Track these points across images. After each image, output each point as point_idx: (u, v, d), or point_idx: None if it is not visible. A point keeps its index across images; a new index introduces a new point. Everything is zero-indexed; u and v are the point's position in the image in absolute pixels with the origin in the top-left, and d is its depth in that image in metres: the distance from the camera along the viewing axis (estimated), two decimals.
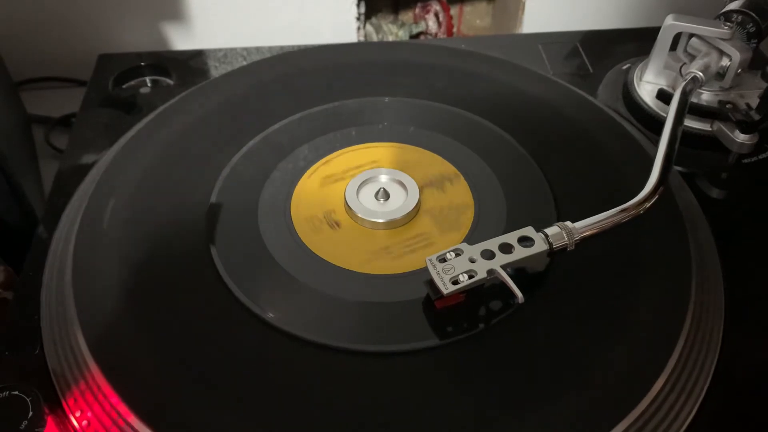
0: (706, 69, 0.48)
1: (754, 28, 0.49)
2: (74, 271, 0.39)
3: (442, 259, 0.36)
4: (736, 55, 0.48)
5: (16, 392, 0.32)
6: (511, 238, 0.37)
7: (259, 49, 0.61)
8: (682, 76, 0.50)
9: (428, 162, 0.47)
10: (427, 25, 0.79)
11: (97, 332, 0.36)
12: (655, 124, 0.50)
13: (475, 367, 0.35)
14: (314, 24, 0.71)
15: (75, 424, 0.34)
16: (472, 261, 0.36)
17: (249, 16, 0.70)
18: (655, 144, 0.42)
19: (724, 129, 0.48)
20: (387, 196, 0.44)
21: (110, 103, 0.55)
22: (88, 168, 0.49)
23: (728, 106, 0.48)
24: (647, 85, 0.53)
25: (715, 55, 0.49)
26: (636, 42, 0.60)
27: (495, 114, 0.50)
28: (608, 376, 0.34)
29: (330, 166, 0.47)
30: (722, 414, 0.35)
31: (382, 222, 0.42)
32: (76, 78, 0.67)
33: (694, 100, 0.49)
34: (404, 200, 0.44)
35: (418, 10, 0.79)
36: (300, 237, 0.42)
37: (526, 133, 0.49)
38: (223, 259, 0.40)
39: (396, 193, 0.44)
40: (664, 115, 0.44)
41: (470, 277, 0.35)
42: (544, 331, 0.37)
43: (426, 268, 0.36)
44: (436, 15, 0.78)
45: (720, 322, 0.39)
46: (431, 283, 0.36)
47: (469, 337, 0.36)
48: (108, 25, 0.67)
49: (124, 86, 0.58)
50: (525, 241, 0.37)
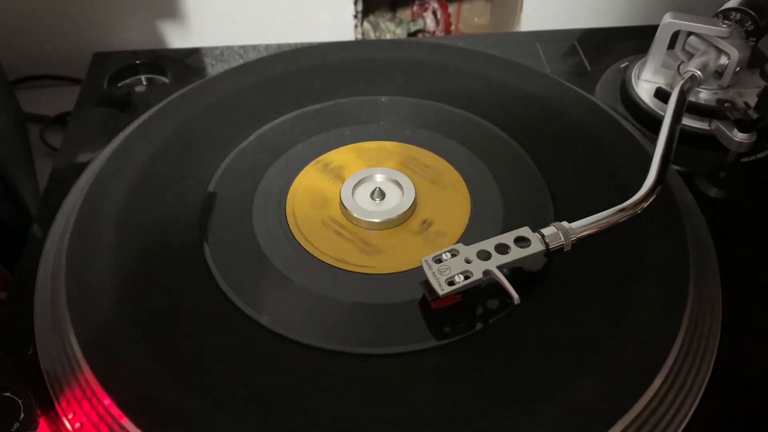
0: (704, 67, 0.48)
1: (752, 26, 0.49)
2: (68, 272, 0.39)
3: (438, 260, 0.36)
4: (735, 54, 0.48)
5: (8, 394, 0.32)
6: (508, 238, 0.36)
7: (256, 48, 0.61)
8: (680, 74, 0.50)
9: (425, 161, 0.47)
10: (425, 23, 0.78)
11: (91, 333, 0.36)
12: (653, 123, 0.50)
13: (472, 367, 0.35)
14: (311, 22, 0.71)
15: (68, 426, 0.33)
16: (468, 261, 0.35)
17: (246, 14, 0.69)
18: (653, 143, 0.42)
19: (723, 128, 0.47)
20: (383, 195, 0.43)
21: (105, 102, 0.55)
22: (83, 167, 0.49)
23: (726, 105, 0.48)
24: (645, 84, 0.53)
25: (713, 54, 0.49)
26: (634, 40, 0.60)
27: (492, 113, 0.50)
28: (606, 376, 0.34)
29: (325, 165, 0.46)
30: (720, 413, 0.35)
31: (377, 222, 0.42)
32: (72, 76, 0.67)
33: (692, 98, 0.48)
34: (400, 200, 0.43)
35: (415, 8, 0.79)
36: (295, 237, 0.41)
37: (523, 132, 0.48)
38: (217, 259, 0.40)
39: (392, 192, 0.44)
40: (662, 114, 0.44)
41: (466, 278, 0.35)
42: (541, 331, 0.36)
43: (422, 269, 0.36)
44: (434, 13, 0.78)
45: (718, 322, 0.39)
46: (427, 284, 0.35)
47: (466, 338, 0.36)
48: (103, 23, 0.67)
49: (120, 84, 0.58)
50: (521, 242, 0.36)
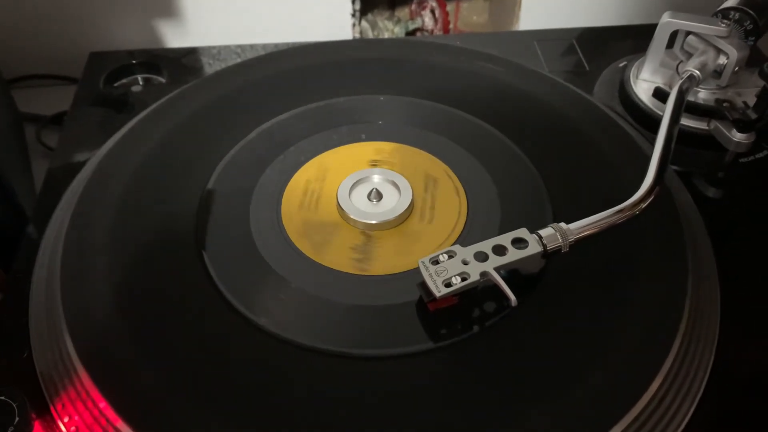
0: (703, 67, 0.47)
1: (751, 26, 0.49)
2: (63, 273, 0.38)
3: (435, 261, 0.35)
4: (734, 53, 0.48)
5: (3, 397, 0.32)
6: (505, 239, 0.36)
7: (253, 47, 0.61)
8: (678, 74, 0.50)
9: (422, 162, 0.46)
10: (424, 22, 0.78)
11: (86, 336, 0.35)
12: (652, 123, 0.49)
13: (469, 369, 0.35)
14: (309, 21, 0.70)
15: (63, 429, 0.33)
16: (465, 263, 0.35)
17: (243, 13, 0.69)
18: (652, 142, 0.42)
19: (721, 128, 0.47)
20: (380, 196, 0.43)
21: (102, 102, 0.55)
22: (79, 166, 0.49)
23: (725, 105, 0.48)
24: (644, 83, 0.53)
25: (712, 53, 0.49)
26: (632, 39, 0.60)
27: (490, 113, 0.50)
28: (605, 377, 0.34)
29: (322, 166, 0.46)
30: (719, 414, 0.35)
31: (374, 223, 0.42)
32: (68, 76, 0.67)
33: (690, 98, 0.48)
34: (397, 201, 0.43)
35: (414, 7, 0.78)
36: (291, 238, 0.41)
37: (520, 132, 0.48)
38: (214, 260, 0.40)
39: (389, 193, 0.44)
40: (661, 114, 0.44)
41: (463, 280, 0.35)
42: (538, 333, 0.36)
43: (419, 271, 0.35)
44: (433, 11, 0.77)
45: (716, 322, 0.39)
46: (424, 286, 0.35)
47: (463, 339, 0.36)
48: (99, 23, 0.67)
49: (116, 84, 0.58)
50: (519, 243, 0.36)
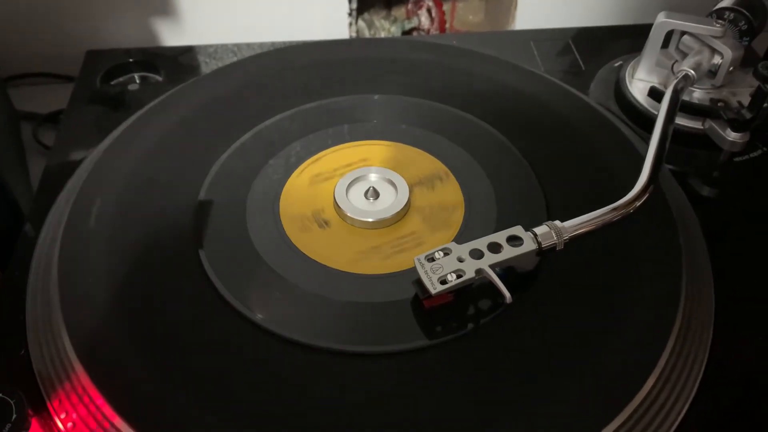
0: (697, 67, 0.48)
1: (746, 26, 0.49)
2: (60, 271, 0.38)
3: (431, 259, 0.36)
4: (728, 53, 0.48)
5: (0, 395, 0.32)
6: (500, 237, 0.37)
7: (250, 45, 0.61)
8: (673, 73, 0.50)
9: (418, 160, 0.47)
10: (420, 21, 0.78)
11: (83, 333, 0.36)
12: (647, 122, 0.50)
13: (464, 367, 0.35)
14: (306, 20, 0.70)
15: (60, 426, 0.33)
16: (461, 260, 0.35)
17: (239, 12, 0.69)
18: (647, 142, 0.42)
19: (716, 127, 0.48)
20: (377, 195, 0.43)
21: (98, 100, 0.55)
22: (75, 165, 0.49)
23: (720, 104, 0.48)
24: (639, 83, 0.53)
25: (707, 53, 0.49)
26: (628, 39, 0.60)
27: (486, 112, 0.50)
28: (599, 376, 0.34)
29: (319, 165, 0.46)
30: (713, 413, 0.35)
31: (371, 221, 0.42)
32: (65, 74, 0.66)
33: (685, 98, 0.48)
34: (394, 199, 0.43)
35: (410, 6, 0.78)
36: (288, 236, 0.41)
37: (516, 131, 0.48)
38: (211, 259, 0.40)
39: (386, 192, 0.44)
40: (656, 113, 0.44)
41: (458, 277, 0.35)
42: (534, 330, 0.36)
43: (414, 268, 0.36)
44: (429, 11, 0.78)
45: (710, 321, 0.39)
46: (419, 283, 0.36)
47: (458, 337, 0.36)
48: (96, 21, 0.67)
49: (113, 83, 0.58)
50: (514, 241, 0.36)
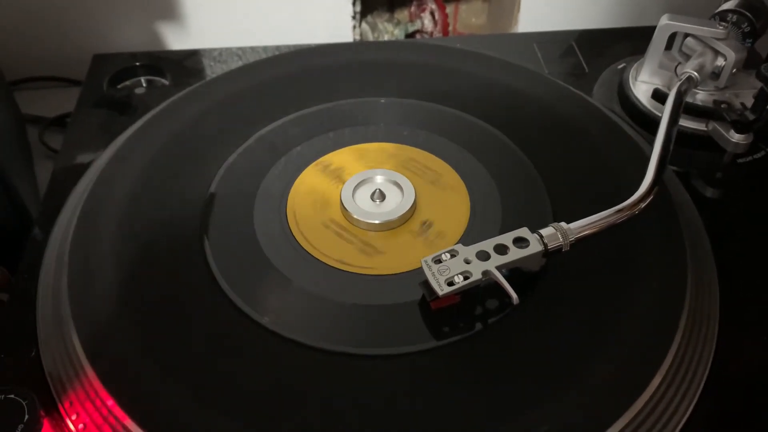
0: (701, 69, 0.48)
1: (749, 28, 0.49)
2: (70, 273, 0.39)
3: (438, 260, 0.36)
4: (731, 55, 0.48)
5: (12, 395, 0.32)
6: (506, 239, 0.37)
7: (254, 49, 0.61)
8: (677, 75, 0.50)
9: (424, 163, 0.47)
10: (423, 24, 0.79)
11: (93, 334, 0.36)
12: (651, 124, 0.50)
13: (471, 368, 0.35)
14: (310, 23, 0.71)
15: (71, 427, 0.34)
16: (468, 262, 0.36)
17: (244, 16, 0.69)
18: (651, 143, 0.43)
19: (719, 129, 0.48)
20: (383, 197, 0.44)
21: (105, 104, 0.55)
22: (83, 168, 0.49)
23: (723, 106, 0.48)
24: (642, 85, 0.53)
25: (710, 55, 0.49)
26: (631, 41, 0.60)
27: (490, 114, 0.50)
28: (605, 376, 0.34)
29: (326, 167, 0.47)
30: (718, 413, 0.35)
31: (377, 223, 0.42)
32: (71, 78, 0.67)
33: (689, 99, 0.49)
34: (400, 201, 0.43)
35: (413, 9, 0.79)
36: (295, 238, 0.42)
37: (521, 133, 0.49)
38: (219, 260, 0.40)
39: (392, 194, 0.44)
40: (660, 115, 0.44)
41: (465, 278, 0.35)
42: (540, 331, 0.37)
43: (421, 270, 0.36)
44: (432, 13, 0.78)
45: (715, 322, 0.39)
46: (426, 285, 0.36)
47: (465, 338, 0.36)
48: (103, 25, 0.67)
49: (119, 86, 0.58)
50: (520, 242, 0.37)
